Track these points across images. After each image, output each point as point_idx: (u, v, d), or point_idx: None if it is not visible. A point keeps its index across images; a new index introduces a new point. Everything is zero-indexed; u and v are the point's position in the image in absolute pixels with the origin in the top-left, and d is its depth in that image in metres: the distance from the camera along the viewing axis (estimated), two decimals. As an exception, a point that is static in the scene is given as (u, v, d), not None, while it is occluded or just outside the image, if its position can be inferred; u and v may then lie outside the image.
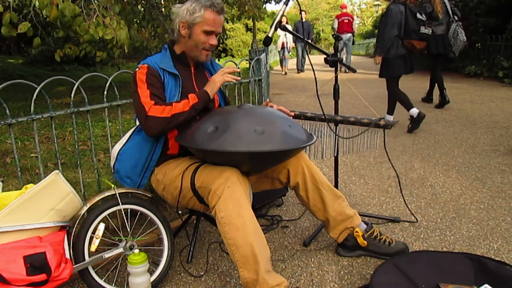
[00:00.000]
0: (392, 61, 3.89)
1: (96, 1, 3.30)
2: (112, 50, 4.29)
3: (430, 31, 3.85)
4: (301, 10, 1.88)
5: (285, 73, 10.71)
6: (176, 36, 1.69)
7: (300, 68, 10.87)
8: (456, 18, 4.68)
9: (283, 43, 10.16)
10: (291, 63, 12.67)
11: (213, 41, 1.65)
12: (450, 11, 4.66)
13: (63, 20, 3.01)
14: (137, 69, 1.62)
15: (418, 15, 3.76)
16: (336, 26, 9.55)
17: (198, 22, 1.60)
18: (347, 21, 9.47)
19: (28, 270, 1.24)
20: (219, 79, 1.62)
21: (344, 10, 9.63)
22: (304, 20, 10.07)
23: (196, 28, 1.61)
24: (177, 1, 5.39)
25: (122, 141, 1.73)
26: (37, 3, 2.96)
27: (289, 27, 8.72)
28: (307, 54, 2.43)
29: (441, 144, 3.53)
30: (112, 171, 1.75)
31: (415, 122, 3.94)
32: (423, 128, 4.10)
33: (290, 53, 10.97)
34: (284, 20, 8.88)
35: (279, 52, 10.67)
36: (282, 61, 10.87)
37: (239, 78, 1.61)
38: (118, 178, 1.71)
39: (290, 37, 9.93)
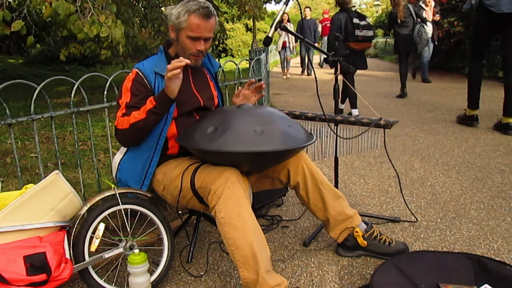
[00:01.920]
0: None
1: (90, 1, 3.29)
2: (116, 49, 4.29)
3: (370, 33, 4.25)
4: (301, 9, 1.87)
5: (287, 78, 9.77)
6: (170, 38, 1.68)
7: (309, 71, 10.26)
8: (419, 20, 5.70)
9: (284, 43, 9.37)
10: (294, 61, 11.84)
11: (200, 46, 1.60)
12: (414, 15, 5.69)
13: (57, 19, 3.01)
14: (129, 73, 1.62)
15: (355, 20, 4.17)
16: (320, 30, 10.47)
17: (183, 28, 1.56)
18: (329, 25, 10.18)
19: (28, 270, 1.24)
20: (166, 77, 1.45)
21: (326, 16, 10.71)
22: (309, 18, 9.23)
23: (181, 34, 1.58)
24: (178, 1, 5.39)
25: (122, 150, 1.72)
26: (30, 1, 2.95)
27: (291, 26, 8.63)
28: (307, 55, 2.42)
29: (441, 144, 3.52)
30: (115, 181, 1.75)
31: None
32: (423, 128, 4.10)
33: (293, 53, 9.96)
34: (285, 18, 8.71)
35: (279, 52, 9.76)
36: (282, 63, 9.92)
37: (187, 61, 1.45)
38: (120, 186, 1.72)
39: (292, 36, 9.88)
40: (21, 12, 3.24)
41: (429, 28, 6.00)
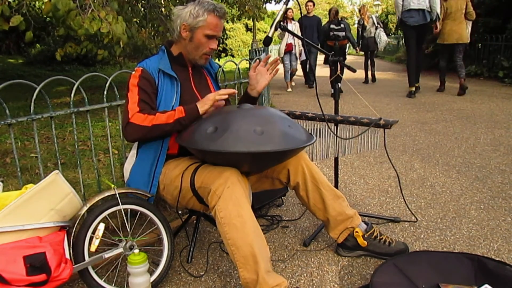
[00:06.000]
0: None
1: None
2: (113, 49, 4.26)
3: (342, 34, 6.51)
4: (300, 8, 1.87)
5: (289, 91, 7.56)
6: (176, 37, 1.68)
7: (310, 83, 8.12)
8: (380, 26, 7.67)
9: (289, 45, 7.22)
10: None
11: (213, 45, 1.66)
12: (375, 22, 7.65)
13: (57, 15, 2.97)
14: (133, 72, 1.63)
15: (331, 26, 6.54)
16: None
17: (201, 26, 1.60)
18: None
19: (28, 270, 1.24)
20: (212, 97, 1.57)
21: None
22: (311, 14, 7.72)
23: (198, 32, 1.62)
24: (178, 2, 5.39)
25: (131, 159, 1.71)
26: None
27: (296, 25, 8.07)
28: (309, 61, 2.40)
29: (441, 144, 3.52)
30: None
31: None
32: (423, 128, 4.10)
33: (300, 58, 7.73)
34: (290, 14, 7.90)
35: (282, 58, 7.26)
36: (286, 72, 7.55)
37: (235, 91, 1.60)
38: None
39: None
40: (21, 7, 3.21)
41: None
